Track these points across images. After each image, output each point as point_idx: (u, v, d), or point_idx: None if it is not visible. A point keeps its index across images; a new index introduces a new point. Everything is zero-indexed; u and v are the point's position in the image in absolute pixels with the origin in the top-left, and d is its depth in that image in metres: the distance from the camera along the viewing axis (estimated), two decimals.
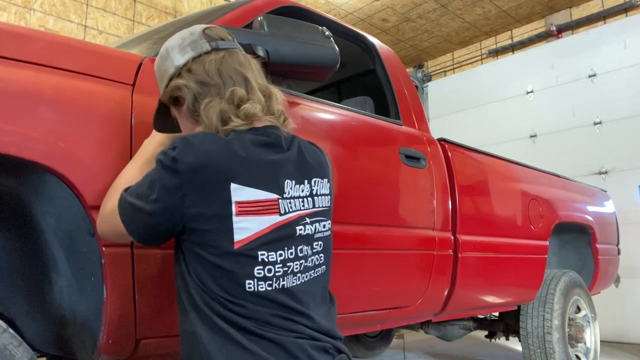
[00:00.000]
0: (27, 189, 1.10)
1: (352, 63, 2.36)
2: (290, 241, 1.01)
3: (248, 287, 0.95)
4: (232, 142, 0.97)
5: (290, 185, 1.02)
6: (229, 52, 1.06)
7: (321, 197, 1.09)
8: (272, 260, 0.97)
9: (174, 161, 0.92)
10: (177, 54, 1.05)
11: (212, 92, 1.01)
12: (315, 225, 1.07)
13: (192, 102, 1.02)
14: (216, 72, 1.02)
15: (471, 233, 2.15)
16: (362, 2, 5.27)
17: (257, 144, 1.00)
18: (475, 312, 2.70)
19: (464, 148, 2.30)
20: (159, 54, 1.09)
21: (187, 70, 1.03)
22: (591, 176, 4.81)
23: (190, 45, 1.05)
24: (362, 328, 2.04)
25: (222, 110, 1.00)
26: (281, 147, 1.04)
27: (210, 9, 1.78)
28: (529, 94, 5.50)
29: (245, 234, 0.95)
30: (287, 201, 1.01)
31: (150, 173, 0.97)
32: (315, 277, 1.06)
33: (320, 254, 1.08)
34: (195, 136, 0.96)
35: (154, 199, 0.93)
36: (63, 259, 1.12)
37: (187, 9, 4.59)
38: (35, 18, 3.66)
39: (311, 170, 1.09)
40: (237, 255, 0.94)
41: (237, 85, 1.02)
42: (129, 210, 0.95)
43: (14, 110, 0.95)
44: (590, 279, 3.11)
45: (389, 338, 3.79)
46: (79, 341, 1.14)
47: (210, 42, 1.05)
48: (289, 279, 1.00)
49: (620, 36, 4.87)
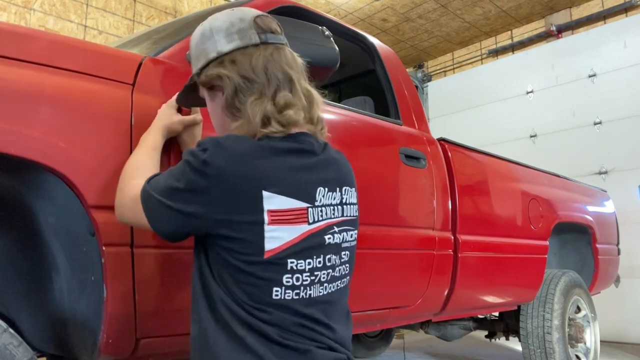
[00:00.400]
0: (28, 188, 1.10)
1: (352, 63, 2.36)
2: (319, 250, 0.98)
3: (275, 294, 0.92)
4: (265, 148, 0.94)
5: (322, 192, 0.99)
6: (277, 48, 1.01)
7: (350, 206, 1.07)
8: (300, 268, 0.95)
9: (204, 164, 0.89)
10: (223, 39, 0.99)
11: (254, 90, 0.97)
12: (344, 234, 1.04)
13: (231, 96, 0.98)
14: (262, 69, 0.97)
15: (471, 233, 2.15)
16: (362, 2, 5.27)
17: (289, 151, 0.97)
18: (475, 312, 2.70)
19: (464, 148, 2.30)
20: (200, 30, 1.04)
21: (231, 60, 0.98)
22: (591, 176, 4.81)
23: (238, 33, 0.99)
24: (362, 328, 2.04)
25: (266, 113, 0.96)
26: (314, 153, 1.01)
27: (211, 9, 1.78)
28: (529, 94, 5.50)
29: (277, 243, 0.92)
30: (318, 209, 0.98)
31: (175, 170, 0.94)
32: (341, 288, 1.05)
33: (347, 264, 1.06)
34: (227, 139, 0.93)
35: (180, 201, 0.91)
36: (63, 259, 1.12)
37: (187, 9, 4.59)
38: (35, 18, 3.66)
39: (342, 178, 1.06)
40: (267, 263, 0.92)
41: (282, 85, 0.98)
42: (153, 205, 0.93)
43: (14, 110, 0.95)
44: (590, 279, 3.11)
45: (389, 338, 3.78)
46: (79, 341, 1.14)
47: (260, 35, 1.00)
48: (316, 288, 0.98)
49: (620, 36, 4.87)
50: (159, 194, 0.93)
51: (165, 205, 0.92)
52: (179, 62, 1.31)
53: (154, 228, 0.96)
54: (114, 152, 1.09)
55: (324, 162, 1.03)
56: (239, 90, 0.98)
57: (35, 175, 1.08)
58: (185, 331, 1.20)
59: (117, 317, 1.07)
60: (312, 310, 0.96)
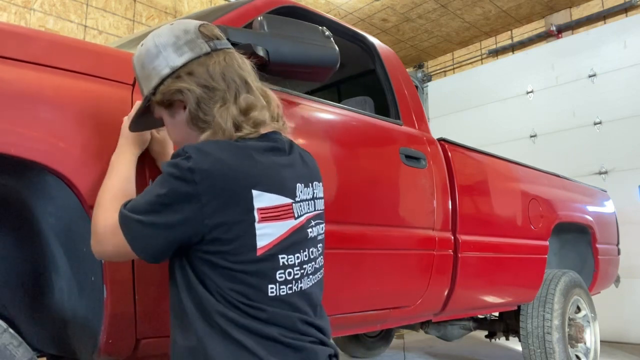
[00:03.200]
0: (27, 189, 1.10)
1: (352, 63, 2.36)
2: (304, 244, 1.01)
3: (270, 291, 0.94)
4: (246, 149, 0.95)
5: (300, 188, 1.02)
6: (226, 53, 1.02)
7: (319, 200, 1.10)
8: (291, 263, 0.97)
9: (191, 171, 0.88)
10: (172, 53, 0.99)
11: (217, 98, 0.97)
12: (317, 227, 1.07)
13: (195, 108, 0.97)
14: (220, 75, 0.98)
15: (471, 233, 2.15)
16: (362, 2, 5.27)
17: (268, 150, 0.99)
18: (475, 312, 2.70)
19: (464, 148, 2.30)
20: (144, 50, 1.03)
21: (188, 72, 0.98)
22: (591, 176, 4.81)
23: (187, 44, 0.99)
24: (362, 328, 2.04)
25: (234, 117, 0.97)
26: (285, 151, 1.04)
27: (210, 9, 1.78)
28: (529, 94, 5.50)
29: (268, 239, 0.93)
30: (299, 204, 1.01)
31: (156, 186, 0.92)
32: (319, 280, 1.07)
33: (321, 256, 1.09)
34: (207, 145, 0.93)
35: (168, 212, 0.89)
36: (63, 259, 1.12)
37: (187, 9, 4.59)
38: (35, 18, 3.66)
39: (311, 173, 1.09)
40: (260, 261, 0.93)
41: (240, 89, 0.99)
42: (136, 228, 0.91)
43: (14, 110, 0.95)
44: (590, 279, 3.11)
45: (389, 338, 3.79)
46: (79, 341, 1.14)
47: (209, 43, 1.01)
48: (305, 281, 1.00)
49: (620, 36, 4.87)
50: (142, 214, 0.90)
51: (149, 223, 0.89)
52: None
53: (140, 253, 0.92)
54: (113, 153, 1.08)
55: (296, 159, 1.06)
56: (201, 101, 0.97)
57: (35, 176, 1.08)
58: None
59: (117, 317, 1.07)
60: (304, 303, 0.98)
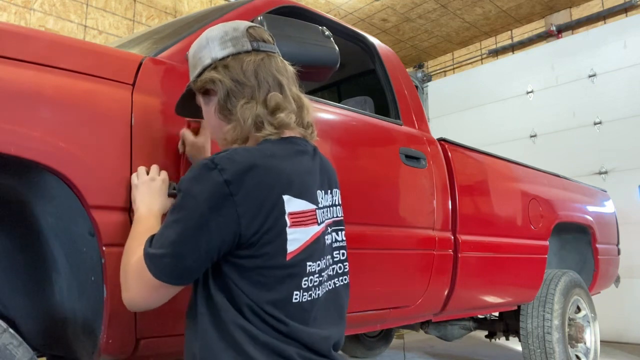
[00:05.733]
0: (27, 189, 1.10)
1: (352, 63, 2.36)
2: (324, 251, 1.02)
3: (295, 298, 0.94)
4: (275, 154, 0.96)
5: (321, 195, 1.04)
6: (268, 55, 1.05)
7: (338, 207, 1.12)
8: (313, 270, 0.97)
9: (227, 184, 0.88)
10: (217, 46, 1.04)
11: (245, 93, 1.00)
12: (333, 234, 1.08)
13: (224, 98, 1.02)
14: (253, 73, 1.01)
15: (471, 233, 2.15)
16: (362, 2, 5.27)
17: (293, 154, 1.00)
18: (475, 312, 2.70)
19: (464, 148, 2.30)
20: (197, 41, 1.08)
21: (224, 65, 1.02)
22: (591, 176, 4.81)
23: (232, 40, 1.03)
24: (362, 328, 2.04)
25: (258, 115, 0.99)
26: (310, 156, 1.05)
27: (211, 9, 1.78)
28: (529, 94, 5.50)
29: (296, 244, 0.94)
30: (322, 211, 1.02)
31: (186, 206, 0.91)
32: (338, 287, 1.08)
33: (345, 262, 1.10)
34: (237, 153, 0.93)
35: (205, 222, 0.88)
36: (63, 259, 1.12)
37: (187, 9, 4.59)
38: (35, 18, 3.66)
39: (331, 180, 1.11)
40: (289, 267, 0.93)
41: (272, 90, 1.01)
42: (168, 256, 0.89)
43: (14, 110, 0.95)
44: (590, 279, 3.11)
45: (388, 338, 3.79)
46: (79, 341, 1.14)
47: (252, 42, 1.04)
48: (321, 288, 1.01)
49: (620, 36, 4.87)
50: (171, 244, 0.89)
51: (184, 239, 0.89)
52: (179, 62, 1.31)
53: (177, 282, 0.92)
54: (114, 153, 1.09)
55: (319, 165, 1.07)
56: (230, 94, 1.01)
57: (35, 175, 1.07)
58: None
59: (117, 317, 1.07)
60: (319, 311, 0.99)
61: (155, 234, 0.94)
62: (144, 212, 1.04)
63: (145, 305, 0.96)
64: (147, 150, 1.15)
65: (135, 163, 1.11)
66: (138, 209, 1.05)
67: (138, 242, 0.97)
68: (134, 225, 1.04)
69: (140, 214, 1.04)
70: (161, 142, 1.19)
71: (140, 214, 1.04)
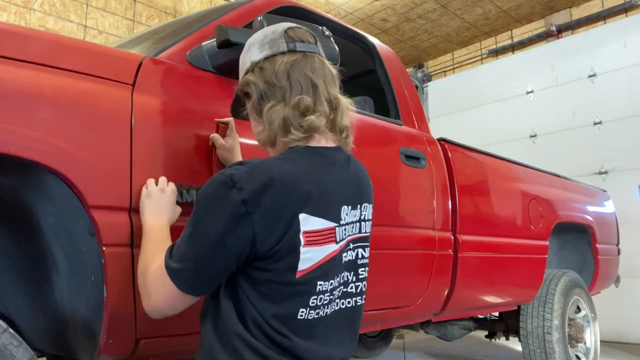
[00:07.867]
0: (28, 188, 1.10)
1: (352, 63, 2.35)
2: (339, 269, 1.00)
3: (300, 315, 0.94)
4: (295, 169, 0.94)
5: (346, 211, 1.01)
6: (305, 55, 1.02)
7: (367, 222, 1.08)
8: (324, 289, 0.96)
9: (244, 203, 0.89)
10: (256, 50, 1.04)
11: (276, 95, 0.99)
12: (358, 250, 1.05)
13: (257, 100, 1.02)
14: (284, 74, 0.99)
15: (471, 233, 2.15)
16: (362, 2, 5.27)
17: (321, 167, 0.98)
18: (475, 312, 2.70)
19: (464, 148, 2.30)
20: (245, 46, 1.10)
21: (260, 67, 1.02)
22: (591, 176, 4.81)
23: (269, 43, 1.03)
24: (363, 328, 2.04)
25: (286, 117, 0.98)
26: (339, 168, 1.02)
27: (211, 9, 1.78)
28: (529, 94, 5.50)
29: (308, 264, 0.93)
30: (343, 228, 1.00)
31: (200, 223, 0.92)
32: (357, 306, 1.06)
33: (365, 281, 1.08)
34: (255, 169, 0.92)
35: (222, 239, 0.89)
36: (63, 259, 1.12)
37: (187, 9, 4.59)
38: (35, 18, 3.66)
39: (363, 194, 1.07)
40: (297, 284, 0.93)
41: (305, 91, 0.99)
42: (190, 267, 0.91)
43: (14, 110, 0.95)
44: (590, 279, 3.11)
45: (389, 338, 3.78)
46: (79, 341, 1.14)
47: (289, 43, 1.02)
48: (331, 306, 0.99)
49: (620, 36, 4.87)
50: (190, 260, 0.91)
51: (203, 265, 0.91)
52: (179, 62, 1.31)
53: (200, 293, 0.94)
54: (114, 153, 1.08)
55: (348, 178, 1.04)
56: (263, 95, 1.01)
57: (35, 175, 1.07)
58: (185, 331, 1.20)
59: (117, 317, 1.07)
60: (326, 329, 0.98)
61: (174, 245, 0.95)
62: (153, 223, 1.05)
63: (171, 312, 0.97)
64: (147, 150, 1.15)
65: (136, 163, 1.11)
66: (147, 220, 1.06)
67: (153, 251, 0.99)
68: (145, 236, 1.05)
69: (149, 225, 1.05)
70: (161, 142, 1.18)
71: (150, 225, 1.05)
